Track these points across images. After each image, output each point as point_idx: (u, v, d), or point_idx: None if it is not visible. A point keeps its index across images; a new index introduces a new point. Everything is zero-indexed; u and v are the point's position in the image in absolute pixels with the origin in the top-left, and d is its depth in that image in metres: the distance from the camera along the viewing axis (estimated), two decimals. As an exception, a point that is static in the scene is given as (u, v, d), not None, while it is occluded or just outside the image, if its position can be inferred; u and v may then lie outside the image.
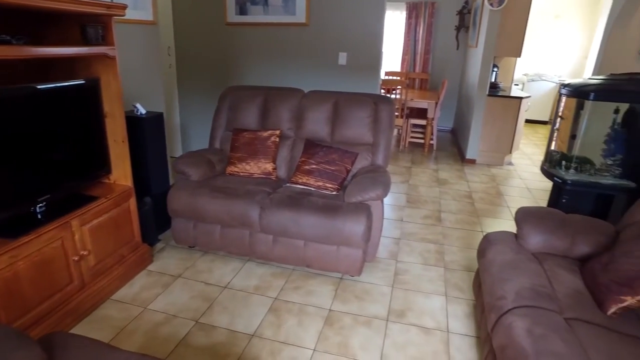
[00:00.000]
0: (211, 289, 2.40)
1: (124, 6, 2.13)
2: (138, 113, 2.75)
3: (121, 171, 2.40)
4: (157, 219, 2.82)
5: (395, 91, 5.41)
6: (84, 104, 2.14)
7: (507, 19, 4.63)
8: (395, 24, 6.87)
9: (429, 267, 2.70)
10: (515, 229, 2.10)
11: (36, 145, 1.89)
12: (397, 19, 6.84)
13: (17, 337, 1.16)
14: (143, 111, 2.77)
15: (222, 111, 3.11)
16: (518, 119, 4.81)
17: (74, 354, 1.24)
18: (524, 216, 2.07)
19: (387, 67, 6.95)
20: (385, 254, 2.84)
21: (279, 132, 2.92)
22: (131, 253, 2.47)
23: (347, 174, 2.70)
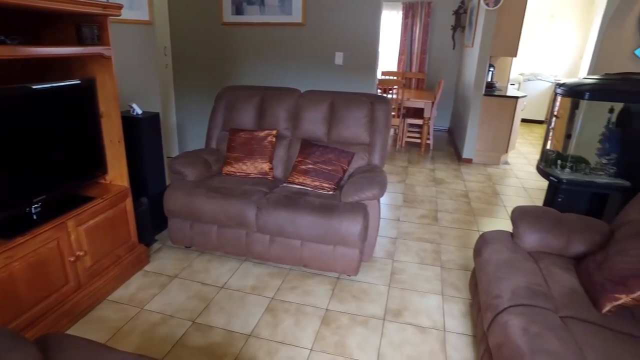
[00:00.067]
0: (208, 289, 2.40)
1: (119, 6, 2.12)
2: (134, 113, 2.74)
3: (117, 171, 2.40)
4: (154, 219, 2.81)
5: (391, 91, 5.42)
6: (80, 104, 2.14)
7: (503, 18, 4.65)
8: (391, 23, 6.87)
9: (425, 266, 2.71)
10: (511, 228, 2.11)
11: (32, 146, 1.88)
12: (393, 19, 6.85)
13: (12, 338, 1.15)
14: (139, 111, 2.76)
15: (219, 111, 3.10)
16: (514, 118, 4.84)
17: (70, 355, 1.23)
18: (519, 215, 2.08)
19: (384, 67, 6.96)
20: (382, 253, 2.85)
21: (275, 132, 2.92)
22: (127, 253, 2.47)
23: (343, 173, 2.71)
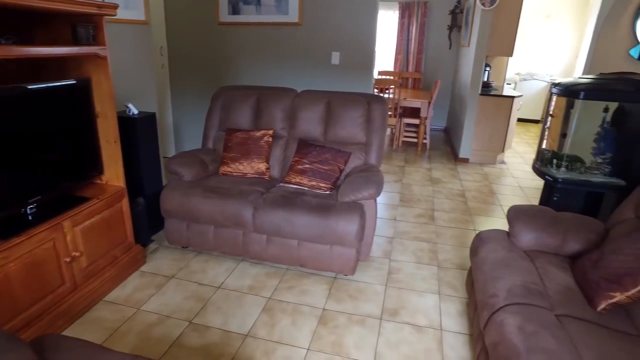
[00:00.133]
0: (205, 289, 2.39)
1: (115, 6, 2.11)
2: (130, 113, 2.73)
3: (113, 172, 2.39)
4: (150, 219, 2.80)
5: (388, 91, 5.43)
6: (76, 104, 2.13)
7: (498, 18, 4.66)
8: (388, 23, 6.88)
9: (422, 265, 2.71)
10: (507, 227, 2.12)
11: (27, 146, 1.87)
12: (389, 19, 6.86)
13: (7, 339, 1.15)
14: (135, 111, 2.75)
15: (215, 111, 3.10)
16: (510, 118, 4.85)
17: (66, 356, 1.23)
18: (515, 214, 2.09)
19: (380, 67, 6.97)
20: (379, 253, 2.85)
21: (272, 131, 2.92)
22: (124, 254, 2.46)
23: (340, 173, 2.71)
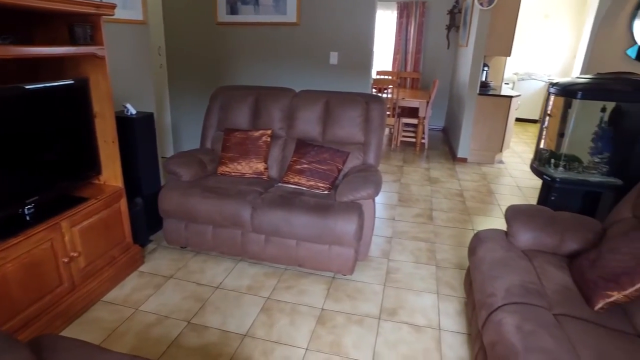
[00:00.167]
0: (203, 290, 2.39)
1: (113, 5, 2.11)
2: (128, 113, 2.73)
3: (111, 172, 2.38)
4: (149, 219, 2.80)
5: (386, 90, 5.43)
6: (73, 104, 2.12)
7: (497, 18, 4.67)
8: (386, 23, 6.89)
9: (420, 265, 2.72)
10: (505, 226, 2.12)
11: (24, 146, 1.87)
12: (388, 19, 6.87)
13: (4, 340, 1.14)
14: (133, 111, 2.75)
15: (213, 111, 3.10)
16: (508, 117, 4.86)
17: (64, 357, 1.22)
18: (513, 214, 2.09)
19: (379, 67, 6.97)
20: (377, 252, 2.86)
21: (270, 131, 2.92)
22: (122, 254, 2.46)
23: (338, 173, 2.71)
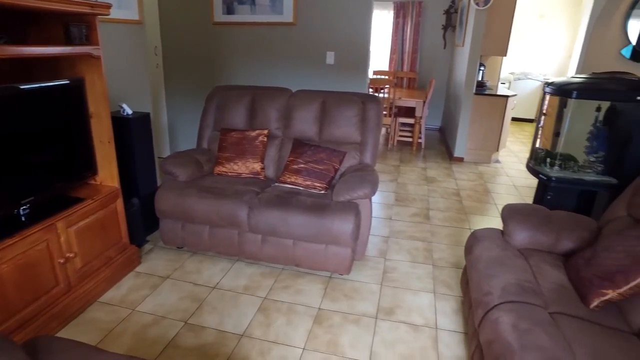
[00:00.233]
0: (200, 290, 2.39)
1: (108, 5, 2.10)
2: (124, 113, 2.72)
3: (107, 172, 2.38)
4: (145, 220, 2.79)
5: (383, 90, 5.44)
6: (69, 104, 2.11)
7: (493, 18, 4.69)
8: (382, 23, 6.90)
9: (417, 264, 2.72)
10: (501, 225, 2.13)
11: (20, 147, 1.86)
12: (384, 18, 6.88)
13: (0, 341, 1.14)
14: (129, 111, 2.74)
15: (210, 111, 3.09)
16: (505, 117, 4.88)
17: (60, 358, 1.22)
18: (510, 213, 2.10)
19: (375, 66, 6.98)
20: (374, 252, 2.86)
21: (266, 131, 2.92)
22: (119, 255, 2.45)
23: (335, 172, 2.71)
